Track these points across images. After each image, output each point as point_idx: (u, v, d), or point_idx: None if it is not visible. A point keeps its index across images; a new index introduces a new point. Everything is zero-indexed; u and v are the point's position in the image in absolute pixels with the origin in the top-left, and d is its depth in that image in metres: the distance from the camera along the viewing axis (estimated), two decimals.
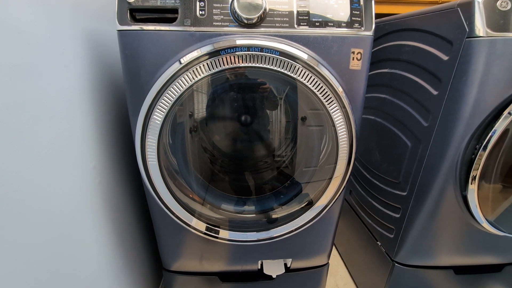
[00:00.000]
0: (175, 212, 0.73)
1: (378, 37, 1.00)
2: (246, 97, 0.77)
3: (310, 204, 0.76)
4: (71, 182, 0.59)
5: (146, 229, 1.00)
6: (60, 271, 0.55)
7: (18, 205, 0.45)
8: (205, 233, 0.78)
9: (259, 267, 0.88)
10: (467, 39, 0.63)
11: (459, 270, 0.93)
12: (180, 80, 0.58)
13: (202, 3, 0.55)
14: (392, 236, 0.93)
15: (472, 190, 0.70)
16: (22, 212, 0.46)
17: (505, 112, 0.63)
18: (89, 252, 0.66)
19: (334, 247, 1.47)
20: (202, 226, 0.77)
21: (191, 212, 0.75)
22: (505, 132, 0.65)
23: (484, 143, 0.65)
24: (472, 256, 0.90)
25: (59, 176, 0.55)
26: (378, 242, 1.02)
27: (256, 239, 0.79)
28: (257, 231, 0.79)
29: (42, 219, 0.51)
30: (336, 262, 1.37)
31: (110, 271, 0.75)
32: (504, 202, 0.81)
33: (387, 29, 0.95)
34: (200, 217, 0.77)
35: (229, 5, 0.55)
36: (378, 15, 1.06)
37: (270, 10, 0.56)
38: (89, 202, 0.66)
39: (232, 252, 0.85)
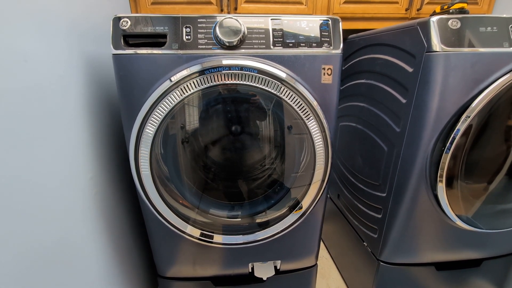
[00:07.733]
0: (168, 219, 0.78)
1: (354, 51, 1.09)
2: (236, 108, 0.83)
3: (297, 204, 0.80)
4: (71, 192, 0.64)
5: (140, 238, 1.04)
6: (56, 279, 0.59)
7: (22, 212, 0.50)
8: (199, 239, 0.82)
9: (250, 270, 0.92)
10: (426, 53, 0.71)
11: (440, 266, 0.98)
12: (171, 96, 0.64)
13: (188, 29, 0.62)
14: (376, 236, 0.98)
15: (441, 187, 0.76)
16: (25, 220, 0.51)
17: (463, 116, 0.70)
18: (86, 262, 0.70)
19: (326, 251, 1.51)
20: (196, 232, 0.81)
21: (185, 219, 0.79)
22: (466, 133, 0.72)
23: (448, 144, 0.72)
24: (451, 252, 0.96)
25: (60, 186, 0.60)
26: (364, 243, 1.07)
27: (252, 240, 0.83)
28: (249, 233, 0.84)
29: (43, 229, 0.55)
30: (328, 265, 1.40)
31: (106, 279, 0.79)
32: (477, 200, 0.87)
33: (361, 44, 1.03)
34: (194, 223, 0.81)
35: (212, 31, 0.62)
36: (354, 31, 1.15)
37: (248, 31, 0.64)
38: (87, 212, 0.70)
39: (224, 256, 0.89)
